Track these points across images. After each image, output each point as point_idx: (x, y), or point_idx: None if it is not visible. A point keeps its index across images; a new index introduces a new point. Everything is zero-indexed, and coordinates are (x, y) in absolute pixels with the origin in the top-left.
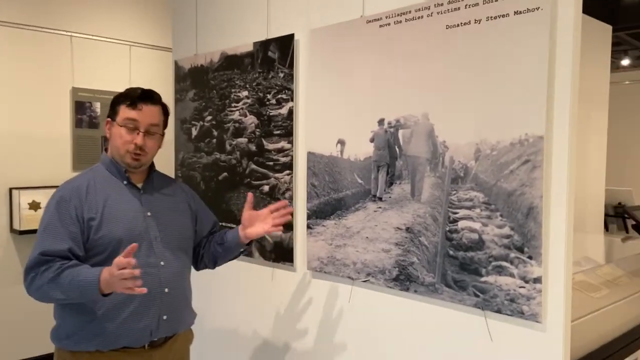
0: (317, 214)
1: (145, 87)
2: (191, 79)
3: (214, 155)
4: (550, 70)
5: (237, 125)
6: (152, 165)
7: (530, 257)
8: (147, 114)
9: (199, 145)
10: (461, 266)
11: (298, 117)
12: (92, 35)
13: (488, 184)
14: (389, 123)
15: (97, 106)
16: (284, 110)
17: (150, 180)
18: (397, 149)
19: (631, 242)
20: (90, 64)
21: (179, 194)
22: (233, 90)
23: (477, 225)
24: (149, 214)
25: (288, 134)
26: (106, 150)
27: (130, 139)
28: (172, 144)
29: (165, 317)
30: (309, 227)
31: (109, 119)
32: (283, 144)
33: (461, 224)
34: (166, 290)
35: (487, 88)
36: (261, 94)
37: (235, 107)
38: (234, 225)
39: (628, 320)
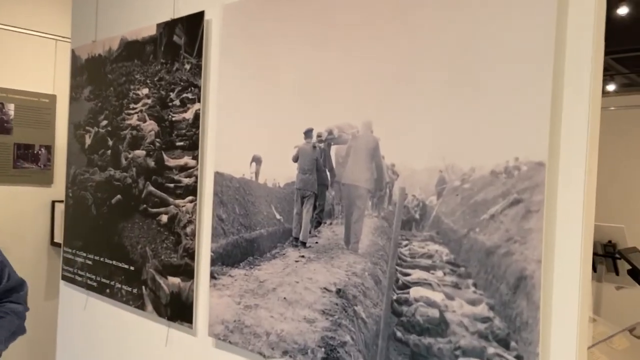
0: (223, 259)
1: None
2: (87, 72)
3: (107, 172)
4: (557, 59)
5: (134, 132)
6: None
7: (519, 358)
8: None
9: (92, 158)
10: (413, 357)
11: (206, 124)
12: (8, 26)
13: (456, 233)
14: (319, 135)
15: (11, 108)
16: (189, 115)
17: None
18: (327, 173)
19: (626, 292)
20: (5, 59)
21: None
22: (132, 87)
23: (438, 297)
24: None
25: (193, 146)
26: None
27: None
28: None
29: None
30: (212, 276)
31: None
32: (187, 159)
33: (414, 291)
34: None
35: (460, 87)
36: (163, 92)
37: (133, 109)
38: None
39: None
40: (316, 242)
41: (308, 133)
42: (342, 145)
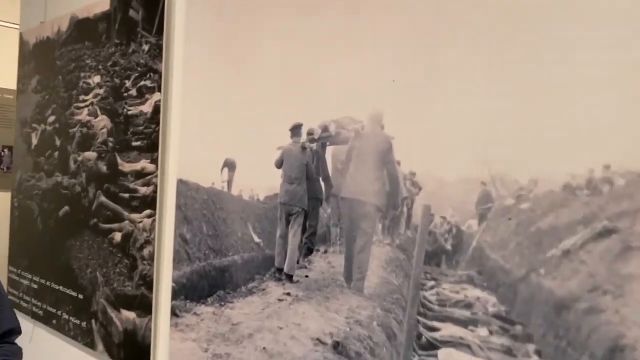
0: (187, 292)
1: None
2: (35, 60)
3: (55, 178)
4: None
5: (84, 130)
6: None
7: None
8: None
9: (39, 161)
10: None
11: (168, 119)
12: None
13: (509, 275)
14: (310, 133)
15: None
16: (147, 107)
17: None
18: (322, 184)
19: None
20: None
21: None
22: (82, 74)
23: None
24: None
25: (152, 147)
26: None
27: None
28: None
29: None
30: (174, 313)
31: None
32: (144, 163)
33: (445, 355)
34: None
35: (516, 60)
36: (118, 80)
37: (83, 101)
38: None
39: None
40: (306, 277)
41: (296, 130)
42: (341, 147)
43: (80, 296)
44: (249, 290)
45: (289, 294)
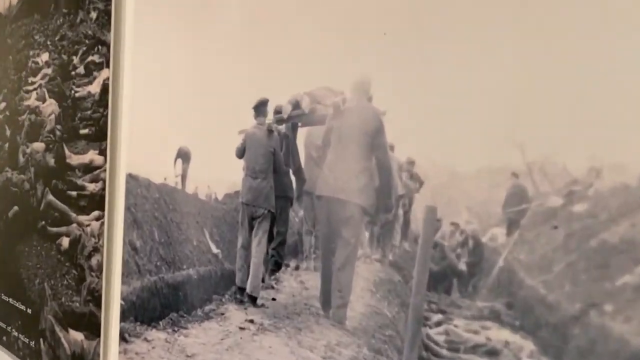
0: (137, 312)
1: None
2: None
3: (4, 173)
4: None
5: (32, 117)
6: None
7: None
8: None
9: None
10: None
11: (118, 100)
12: None
13: (554, 311)
14: (277, 111)
15: None
16: (94, 87)
17: None
18: (292, 178)
19: None
20: None
21: None
22: (32, 52)
23: None
24: None
25: (100, 135)
26: None
27: None
28: None
29: None
30: (123, 337)
31: None
32: (92, 155)
33: None
34: None
35: None
36: (65, 57)
37: (32, 83)
38: None
39: None
40: (273, 299)
41: (260, 108)
42: (316, 127)
43: (29, 310)
44: (206, 314)
45: (252, 321)
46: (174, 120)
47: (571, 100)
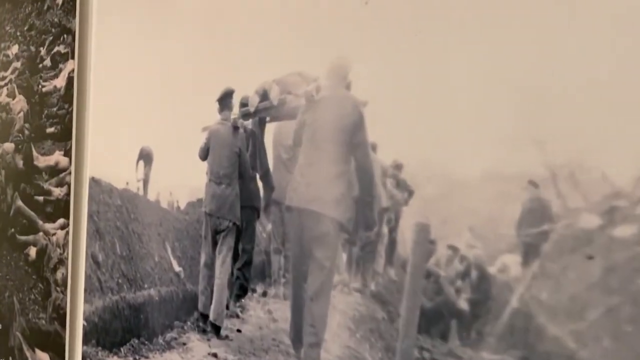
0: (99, 335)
1: None
2: None
3: None
4: None
5: (3, 116)
6: None
7: None
8: None
9: None
10: None
11: (85, 94)
12: None
13: None
14: (244, 104)
15: None
16: (60, 81)
17: None
18: (259, 183)
19: None
20: None
21: None
22: (3, 44)
23: None
24: None
25: (65, 134)
26: None
27: None
28: None
29: None
30: None
31: None
32: (58, 156)
33: None
34: None
35: None
36: (33, 48)
37: (3, 78)
38: None
39: None
40: (238, 331)
41: (225, 101)
42: (286, 123)
43: (0, 325)
44: (167, 343)
45: (215, 356)
46: (136, 117)
47: (613, 85)
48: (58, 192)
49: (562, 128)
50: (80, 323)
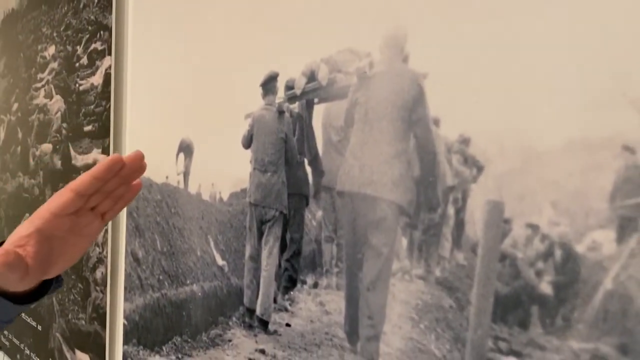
0: (140, 334)
1: None
2: (2, 38)
3: (17, 178)
4: None
5: (41, 117)
6: None
7: None
8: None
9: (5, 159)
10: None
11: (123, 91)
12: None
13: None
14: (289, 87)
15: None
16: (97, 78)
17: None
18: (307, 170)
19: None
20: None
21: None
22: (40, 46)
23: None
24: None
25: (103, 131)
26: None
27: None
28: None
29: None
30: None
31: None
32: (96, 154)
33: None
34: None
35: None
36: (70, 47)
37: (40, 80)
38: None
39: None
40: (287, 325)
41: (269, 85)
42: (337, 103)
43: (39, 327)
44: (211, 340)
45: (263, 352)
46: (175, 109)
47: None
48: None
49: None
50: (120, 322)
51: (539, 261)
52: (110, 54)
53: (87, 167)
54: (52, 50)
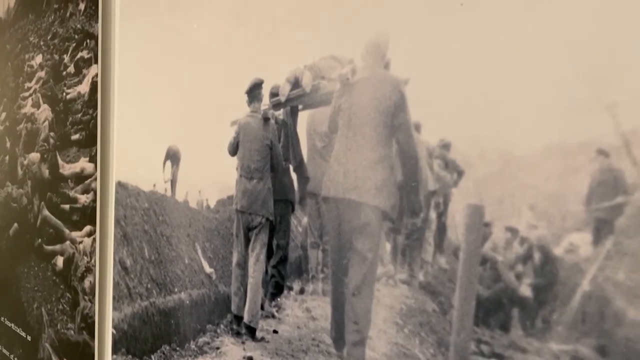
0: (129, 343)
1: None
2: None
3: (5, 188)
4: None
5: (29, 126)
6: None
7: None
8: None
9: None
10: None
11: (109, 99)
12: None
13: None
14: (274, 94)
15: None
16: (84, 87)
17: None
18: (293, 175)
19: None
20: None
21: None
22: (27, 55)
23: None
24: None
25: (90, 140)
26: None
27: None
28: None
29: None
30: None
31: None
32: (83, 163)
33: None
34: None
35: None
36: (57, 56)
37: (28, 89)
38: None
39: None
40: (274, 332)
41: (254, 92)
42: (321, 109)
43: (29, 337)
44: (199, 348)
45: (251, 359)
46: (161, 117)
47: None
48: (84, 198)
49: (636, 90)
50: (109, 331)
51: (518, 264)
52: (96, 62)
53: (75, 175)
54: (39, 59)
